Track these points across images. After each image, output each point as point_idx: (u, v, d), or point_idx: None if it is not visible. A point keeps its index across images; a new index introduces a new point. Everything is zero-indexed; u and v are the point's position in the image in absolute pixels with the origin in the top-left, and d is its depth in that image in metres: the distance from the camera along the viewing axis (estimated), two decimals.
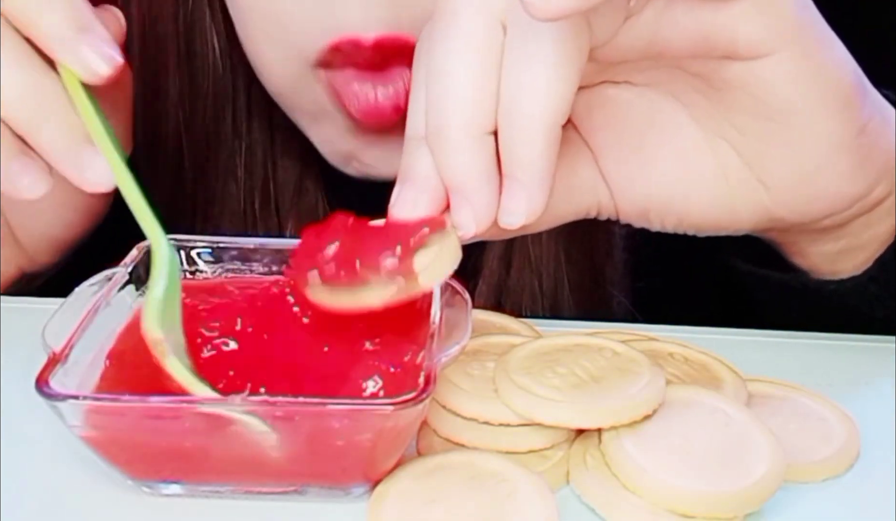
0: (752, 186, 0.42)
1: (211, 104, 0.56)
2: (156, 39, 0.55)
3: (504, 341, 0.41)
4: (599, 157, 0.43)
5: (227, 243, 0.43)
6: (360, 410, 0.33)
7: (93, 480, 0.36)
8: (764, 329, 0.48)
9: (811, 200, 0.42)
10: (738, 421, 0.37)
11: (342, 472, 0.35)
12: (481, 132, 0.37)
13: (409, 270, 0.37)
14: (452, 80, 0.37)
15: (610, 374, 0.38)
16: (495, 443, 0.37)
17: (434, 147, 0.38)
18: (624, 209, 0.44)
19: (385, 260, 0.36)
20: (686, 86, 0.41)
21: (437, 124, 0.38)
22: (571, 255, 0.55)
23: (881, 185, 0.43)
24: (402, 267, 0.36)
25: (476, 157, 0.37)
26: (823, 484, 0.38)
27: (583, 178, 0.43)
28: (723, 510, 0.34)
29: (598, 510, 0.35)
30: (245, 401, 0.33)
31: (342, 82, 0.47)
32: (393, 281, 0.36)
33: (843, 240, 0.46)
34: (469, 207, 0.38)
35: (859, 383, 0.44)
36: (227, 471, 0.35)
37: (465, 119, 0.37)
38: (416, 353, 0.37)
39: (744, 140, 0.41)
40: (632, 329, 0.45)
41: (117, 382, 0.36)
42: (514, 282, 0.55)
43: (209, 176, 0.57)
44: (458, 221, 0.38)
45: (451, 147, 0.37)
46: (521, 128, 0.37)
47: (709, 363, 0.42)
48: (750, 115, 0.40)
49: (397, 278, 0.36)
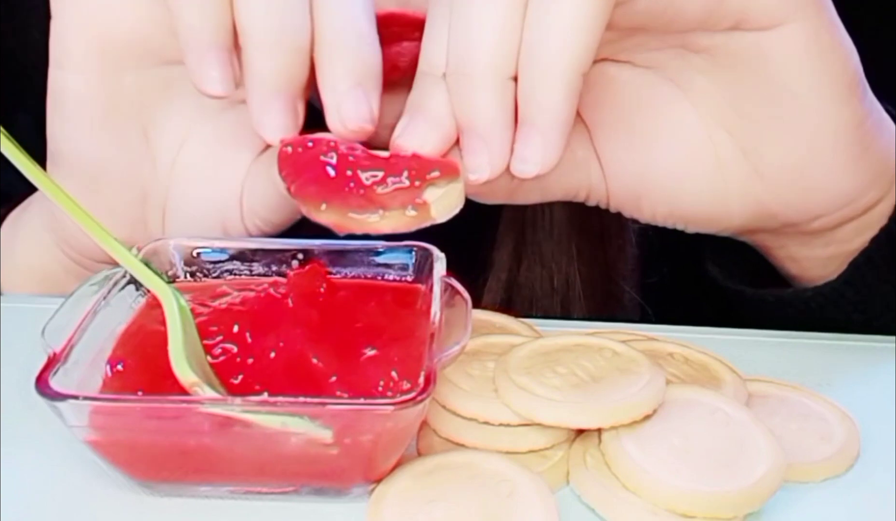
0: (747, 178, 0.42)
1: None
2: None
3: (504, 341, 0.41)
4: (595, 135, 0.43)
5: (227, 244, 0.43)
6: (360, 410, 0.33)
7: (93, 480, 0.36)
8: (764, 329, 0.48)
9: (806, 193, 0.42)
10: (738, 421, 0.37)
11: (342, 472, 0.35)
12: (505, 75, 0.37)
13: (422, 200, 0.36)
14: (481, 20, 0.37)
15: (610, 374, 0.38)
16: (495, 443, 0.37)
17: (455, 86, 0.37)
18: (615, 193, 0.43)
19: (397, 184, 0.36)
20: (688, 67, 0.41)
21: (461, 63, 0.37)
22: (583, 251, 0.55)
23: (874, 188, 0.43)
24: (413, 195, 0.36)
25: (499, 99, 0.37)
26: (823, 484, 0.38)
27: (576, 154, 0.43)
28: (723, 510, 0.34)
29: (598, 510, 0.35)
30: (245, 401, 0.33)
31: None
32: (404, 208, 0.36)
33: (833, 246, 0.45)
34: (486, 150, 0.37)
35: (859, 383, 0.44)
36: (227, 471, 0.35)
37: (492, 60, 0.37)
38: (416, 353, 0.37)
39: (742, 125, 0.41)
40: (632, 329, 0.45)
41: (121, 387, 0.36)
42: (525, 278, 0.55)
43: None
44: (473, 164, 0.37)
45: (476, 87, 0.37)
46: (543, 72, 0.36)
47: (709, 363, 0.42)
48: (752, 96, 0.40)
49: (409, 206, 0.36)
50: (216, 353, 0.37)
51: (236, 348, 0.37)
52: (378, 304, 0.40)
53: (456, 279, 0.39)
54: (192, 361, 0.35)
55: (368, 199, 0.37)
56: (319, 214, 0.38)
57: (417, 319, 0.38)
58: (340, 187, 0.37)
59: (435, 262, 0.40)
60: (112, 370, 0.36)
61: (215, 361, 0.37)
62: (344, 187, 0.37)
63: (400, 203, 0.36)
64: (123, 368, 0.36)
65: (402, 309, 0.39)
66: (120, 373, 0.36)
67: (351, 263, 0.42)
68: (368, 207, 0.37)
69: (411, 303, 0.40)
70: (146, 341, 0.37)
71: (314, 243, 0.42)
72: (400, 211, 0.37)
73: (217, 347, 0.37)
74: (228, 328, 0.38)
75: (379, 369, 0.36)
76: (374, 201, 0.37)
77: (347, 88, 0.39)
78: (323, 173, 0.38)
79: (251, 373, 0.36)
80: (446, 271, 0.40)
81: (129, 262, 0.39)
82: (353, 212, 0.37)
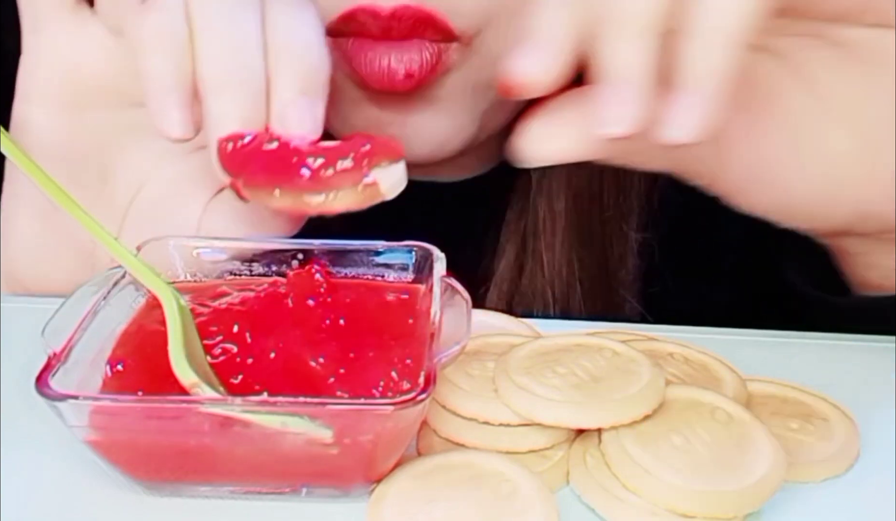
0: (862, 178, 0.41)
1: None
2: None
3: (504, 341, 0.41)
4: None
5: (227, 244, 0.43)
6: (360, 410, 0.33)
7: (93, 480, 0.36)
8: (764, 329, 0.48)
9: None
10: (739, 421, 0.37)
11: (342, 472, 0.35)
12: (660, 29, 0.35)
13: (371, 179, 0.37)
14: None
15: (610, 374, 0.38)
16: (495, 443, 0.37)
17: (610, 32, 0.35)
18: (725, 176, 0.42)
19: (343, 166, 0.37)
20: (815, 60, 0.40)
21: (619, 9, 0.35)
22: (585, 260, 0.55)
23: None
24: (359, 176, 0.37)
25: (652, 51, 0.35)
26: (823, 484, 0.38)
27: None
28: (723, 510, 0.34)
29: (598, 510, 0.35)
30: (245, 401, 0.33)
31: (354, 49, 0.47)
32: (355, 186, 0.37)
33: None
34: (631, 103, 0.35)
35: (859, 383, 0.43)
36: (227, 471, 0.35)
37: (653, 11, 0.35)
38: (416, 353, 0.36)
39: (864, 125, 0.40)
40: (632, 329, 0.45)
41: (121, 387, 0.36)
42: (526, 288, 0.55)
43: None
44: (614, 115, 0.35)
45: (633, 35, 0.35)
46: (711, 38, 0.35)
47: (709, 363, 0.42)
48: (881, 96, 0.39)
49: (359, 184, 0.37)
50: (216, 353, 0.37)
51: (236, 348, 0.37)
52: (378, 304, 0.40)
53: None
54: (191, 361, 0.35)
55: (317, 181, 0.37)
56: (273, 200, 0.38)
57: (417, 319, 0.38)
58: (289, 172, 0.38)
59: (435, 262, 0.40)
60: (112, 370, 0.36)
61: (215, 361, 0.37)
62: (292, 172, 0.38)
63: (350, 183, 0.37)
64: (123, 368, 0.36)
65: (402, 309, 0.39)
66: (120, 373, 0.36)
67: (351, 263, 0.42)
68: (319, 188, 0.37)
69: (411, 303, 0.40)
70: (146, 341, 0.37)
71: (314, 243, 0.42)
72: (351, 190, 0.37)
73: (217, 347, 0.37)
74: (228, 328, 0.38)
75: (379, 369, 0.36)
76: (323, 183, 0.37)
77: (292, 97, 0.40)
78: (269, 161, 0.38)
79: (251, 373, 0.36)
80: (446, 271, 0.40)
81: (129, 262, 0.39)
82: (305, 194, 0.38)
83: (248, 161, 0.39)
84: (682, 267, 0.56)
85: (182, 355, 0.35)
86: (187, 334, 0.36)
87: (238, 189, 0.39)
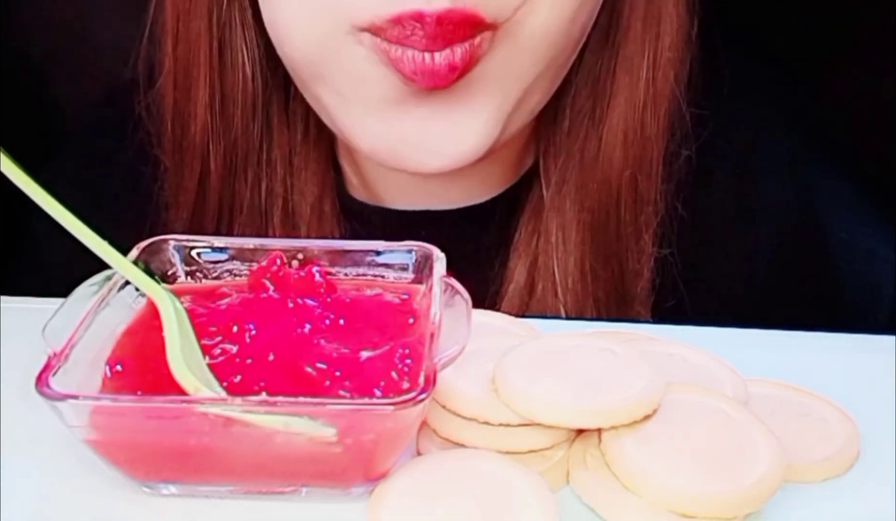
0: None
1: (240, 110, 0.55)
2: (188, 37, 0.54)
3: (504, 342, 0.41)
4: None
5: (227, 244, 0.43)
6: (360, 410, 0.33)
7: (93, 480, 0.36)
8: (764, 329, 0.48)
9: None
10: (738, 421, 0.37)
11: (342, 472, 0.35)
12: None
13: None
14: None
15: (610, 374, 0.38)
16: (495, 443, 0.37)
17: None
18: None
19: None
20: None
21: None
22: (598, 273, 0.55)
23: None
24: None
25: None
26: (823, 484, 0.38)
27: None
28: (723, 510, 0.34)
29: (598, 510, 0.35)
30: (245, 401, 0.33)
31: (396, 49, 0.46)
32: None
33: None
34: None
35: (859, 383, 0.44)
36: (227, 471, 0.35)
37: None
38: (416, 353, 0.37)
39: None
40: (632, 329, 0.45)
41: (120, 387, 0.36)
42: (537, 301, 0.55)
43: (235, 182, 0.56)
44: None
45: None
46: None
47: (709, 363, 0.42)
48: None
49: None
50: (215, 353, 0.37)
51: (235, 348, 0.37)
52: (378, 304, 0.40)
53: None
54: (189, 363, 0.35)
55: None
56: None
57: (417, 319, 0.38)
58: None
59: (435, 262, 0.40)
60: (112, 371, 0.36)
61: (214, 361, 0.37)
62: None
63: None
64: (123, 368, 0.36)
65: (401, 309, 0.39)
66: (119, 373, 0.36)
67: (351, 263, 0.42)
68: None
69: (411, 303, 0.40)
70: (146, 342, 0.37)
71: (314, 243, 0.42)
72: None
73: (216, 347, 0.37)
74: (227, 328, 0.38)
75: (379, 369, 0.36)
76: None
77: None
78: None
79: (250, 373, 0.36)
80: (446, 272, 0.40)
81: (123, 267, 0.39)
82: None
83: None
84: (697, 282, 0.56)
85: (180, 357, 0.35)
86: (184, 335, 0.36)
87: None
